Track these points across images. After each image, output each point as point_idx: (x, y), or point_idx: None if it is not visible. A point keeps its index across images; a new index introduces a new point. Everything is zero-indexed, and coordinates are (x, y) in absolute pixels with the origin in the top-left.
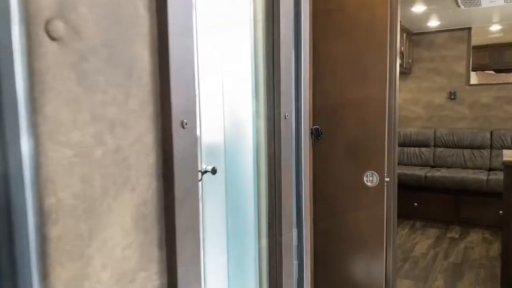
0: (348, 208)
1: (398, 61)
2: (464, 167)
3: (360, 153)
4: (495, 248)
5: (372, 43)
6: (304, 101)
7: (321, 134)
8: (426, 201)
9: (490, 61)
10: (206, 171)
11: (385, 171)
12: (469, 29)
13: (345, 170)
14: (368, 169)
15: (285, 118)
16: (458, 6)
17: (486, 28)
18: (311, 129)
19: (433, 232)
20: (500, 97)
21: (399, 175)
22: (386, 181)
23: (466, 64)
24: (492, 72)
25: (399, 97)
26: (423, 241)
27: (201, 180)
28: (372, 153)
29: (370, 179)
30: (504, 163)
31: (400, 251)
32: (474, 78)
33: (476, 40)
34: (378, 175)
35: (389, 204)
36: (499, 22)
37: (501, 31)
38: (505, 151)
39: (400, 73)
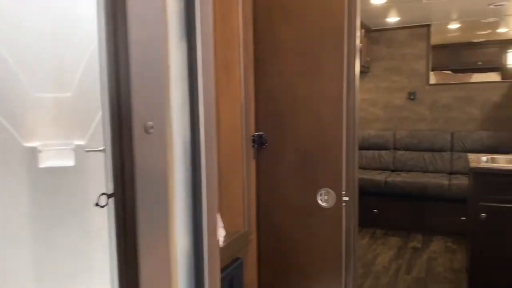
0: (299, 234)
1: (358, 54)
2: (425, 170)
3: (313, 165)
4: (459, 258)
5: (328, 31)
6: (207, 103)
7: (265, 143)
8: (387, 208)
9: (448, 61)
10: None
11: (343, 189)
12: (429, 26)
13: (294, 187)
14: (322, 186)
15: (147, 131)
16: None
17: (444, 26)
18: (253, 136)
19: (394, 241)
20: (460, 98)
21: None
22: (345, 200)
23: (426, 63)
24: (450, 72)
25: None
26: (384, 253)
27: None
28: (328, 165)
29: (325, 198)
30: (471, 169)
31: (361, 264)
32: (432, 78)
33: (434, 39)
34: (335, 194)
35: (348, 227)
36: (458, 20)
37: (459, 29)
38: (470, 156)
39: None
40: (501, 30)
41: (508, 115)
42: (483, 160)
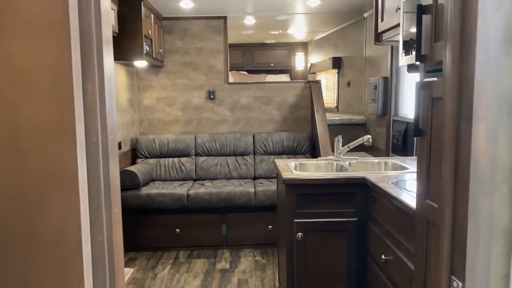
0: None
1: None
2: (229, 177)
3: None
4: (269, 275)
5: None
6: None
7: None
8: (191, 225)
9: (243, 61)
10: None
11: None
12: (225, 18)
13: None
14: None
15: None
16: None
17: (240, 20)
18: None
19: (200, 264)
20: (258, 97)
21: (155, 195)
22: None
23: (224, 59)
24: (245, 72)
25: (151, 96)
26: (189, 284)
27: None
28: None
29: None
30: (284, 181)
31: None
32: (230, 78)
33: (230, 38)
34: None
35: None
36: (253, 14)
37: (254, 26)
38: (278, 162)
39: (151, 65)
40: (290, 31)
41: (302, 114)
42: (292, 167)
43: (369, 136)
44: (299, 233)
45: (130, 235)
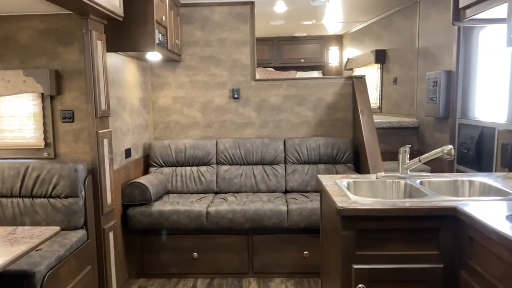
0: None
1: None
2: (256, 190)
3: None
4: None
5: None
6: None
7: None
8: (211, 249)
9: (270, 57)
10: None
11: None
12: (252, 4)
13: None
14: None
15: None
16: None
17: (270, 8)
18: None
19: None
20: (290, 96)
21: (169, 213)
22: None
23: (251, 52)
24: (273, 69)
25: (167, 95)
26: None
27: None
28: None
29: None
30: (339, 212)
31: None
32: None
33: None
34: None
35: None
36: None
37: (284, 15)
38: (323, 179)
39: (167, 59)
40: (324, 22)
41: (341, 116)
42: (344, 186)
43: (451, 146)
44: (360, 285)
45: (139, 260)
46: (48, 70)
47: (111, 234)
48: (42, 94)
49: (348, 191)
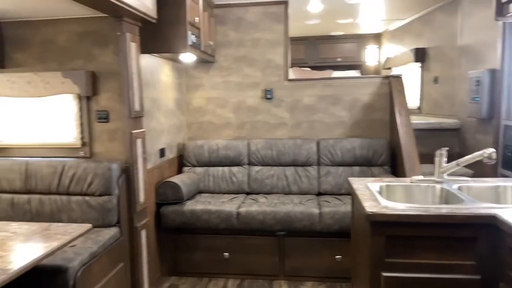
0: None
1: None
2: (288, 192)
3: None
4: None
5: None
6: None
7: None
8: (241, 249)
9: (306, 56)
10: None
11: None
12: (286, 3)
13: None
14: None
15: None
16: None
17: (304, 7)
18: None
19: None
20: (325, 96)
21: (200, 212)
22: None
23: (284, 52)
24: (308, 69)
25: (201, 96)
26: None
27: None
28: None
29: None
30: (368, 217)
31: None
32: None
33: (292, 30)
34: None
35: None
36: None
37: (319, 14)
38: (354, 182)
39: (201, 60)
40: (361, 20)
41: (378, 117)
42: (376, 191)
43: (492, 150)
44: None
45: (172, 258)
46: (84, 71)
47: (143, 232)
48: (79, 95)
49: (379, 196)
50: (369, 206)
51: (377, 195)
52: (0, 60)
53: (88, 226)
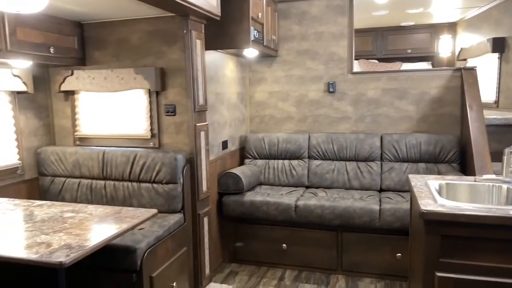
0: None
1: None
2: (348, 187)
3: None
4: None
5: None
6: None
7: None
8: (299, 242)
9: (374, 48)
10: None
11: None
12: None
13: None
14: None
15: None
16: None
17: None
18: None
19: None
20: (390, 90)
21: (259, 203)
22: None
23: (348, 44)
24: (376, 61)
25: (263, 90)
26: None
27: None
28: None
29: None
30: (422, 215)
31: None
32: (356, 67)
33: (359, 21)
34: None
35: None
36: None
37: (387, 5)
38: (412, 179)
39: (263, 55)
40: (434, 9)
41: (447, 111)
42: (435, 188)
43: None
44: None
45: (232, 245)
46: (154, 68)
47: (205, 219)
48: (149, 90)
49: (437, 194)
50: (424, 204)
51: (435, 193)
52: (82, 58)
53: (154, 211)
